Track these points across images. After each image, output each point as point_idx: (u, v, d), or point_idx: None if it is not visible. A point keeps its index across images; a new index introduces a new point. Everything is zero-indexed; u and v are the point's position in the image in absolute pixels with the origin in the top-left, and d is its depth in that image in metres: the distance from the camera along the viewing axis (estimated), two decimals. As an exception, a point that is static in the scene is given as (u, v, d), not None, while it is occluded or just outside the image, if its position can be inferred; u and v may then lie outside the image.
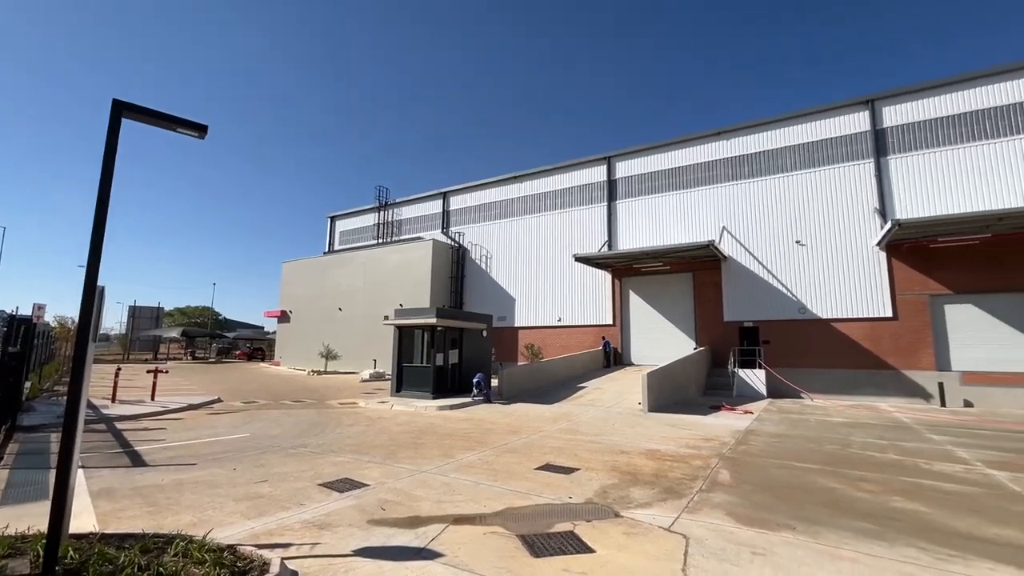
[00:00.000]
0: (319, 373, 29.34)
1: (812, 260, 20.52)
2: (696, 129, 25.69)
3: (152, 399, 14.73)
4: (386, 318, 18.99)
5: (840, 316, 19.67)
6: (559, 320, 26.55)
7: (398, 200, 35.78)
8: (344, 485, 6.54)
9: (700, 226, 23.18)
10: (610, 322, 25.00)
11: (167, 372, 20.16)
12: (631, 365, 23.62)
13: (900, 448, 9.66)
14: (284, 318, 36.77)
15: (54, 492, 3.52)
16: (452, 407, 14.74)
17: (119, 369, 15.90)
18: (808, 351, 19.91)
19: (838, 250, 20.09)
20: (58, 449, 3.72)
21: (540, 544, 4.61)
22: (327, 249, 39.54)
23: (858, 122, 20.40)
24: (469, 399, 15.97)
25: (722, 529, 5.09)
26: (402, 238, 34.29)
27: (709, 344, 21.87)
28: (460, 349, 18.02)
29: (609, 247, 25.36)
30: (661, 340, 23.36)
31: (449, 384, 17.22)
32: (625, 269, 24.93)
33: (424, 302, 27.64)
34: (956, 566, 4.29)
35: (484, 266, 30.13)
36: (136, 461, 7.82)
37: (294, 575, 3.93)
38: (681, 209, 23.99)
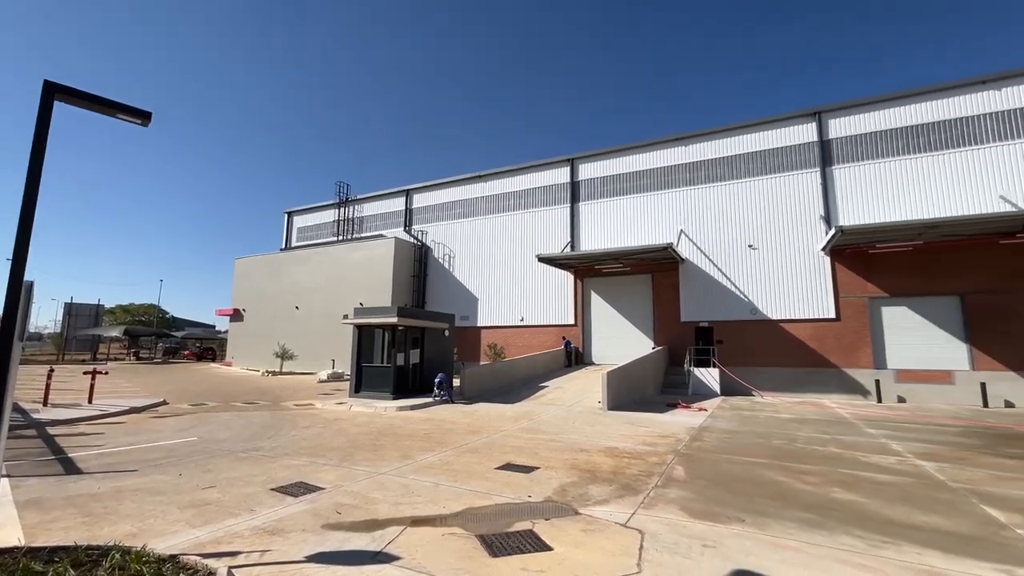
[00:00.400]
0: (274, 374, 28.35)
1: (763, 263, 21.44)
2: (656, 134, 26.33)
3: (89, 402, 13.83)
4: (345, 317, 18.54)
5: (788, 317, 20.64)
6: (522, 320, 26.66)
7: (359, 197, 35.01)
8: (298, 489, 6.34)
9: (659, 229, 23.79)
10: (572, 322, 25.31)
11: (106, 373, 18.97)
12: (592, 364, 23.99)
13: (840, 442, 10.23)
14: (237, 317, 35.33)
15: (-28, 504, 3.25)
16: (413, 407, 14.55)
17: (52, 370, 14.83)
18: (759, 350, 20.78)
19: (787, 254, 21.07)
20: (-23, 457, 3.44)
21: (499, 544, 4.61)
22: (284, 246, 38.27)
23: (806, 133, 21.47)
24: (430, 399, 15.81)
25: (676, 523, 5.24)
26: (363, 235, 33.58)
27: (667, 343, 22.49)
28: (422, 349, 17.81)
29: (572, 248, 25.67)
30: (621, 340, 23.84)
31: (410, 384, 16.99)
32: (587, 270, 25.30)
33: (385, 301, 27.18)
34: (888, 552, 4.57)
35: (447, 265, 29.90)
36: (69, 468, 7.32)
37: (242, 584, 3.78)
38: (642, 212, 24.55)
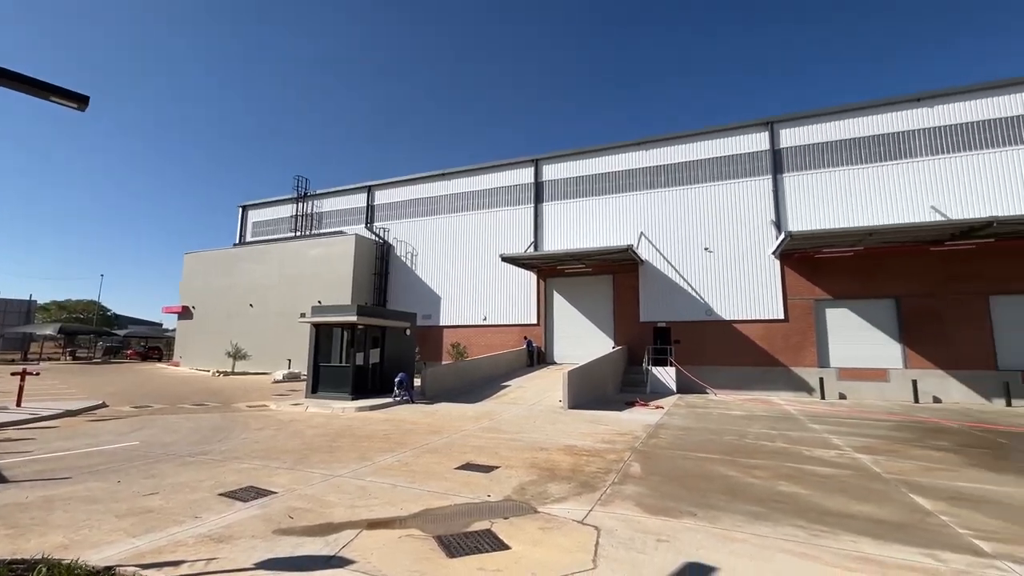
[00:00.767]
0: (226, 374, 27.21)
1: (718, 266, 22.24)
2: (618, 138, 26.88)
3: (18, 405, 12.86)
4: (302, 315, 18.02)
5: (741, 318, 21.49)
6: (485, 319, 26.63)
7: (319, 192, 34.05)
8: (248, 494, 6.11)
9: (621, 231, 24.28)
10: (535, 322, 25.48)
11: (38, 374, 17.72)
12: (554, 364, 24.24)
13: (787, 437, 10.73)
14: (186, 314, 33.69)
15: None
16: (372, 408, 14.29)
17: (-25, 371, 13.71)
18: (713, 350, 21.55)
19: (740, 257, 21.94)
20: None
21: (456, 544, 4.59)
22: (238, 240, 36.76)
23: (759, 142, 22.41)
24: (391, 400, 15.57)
25: (631, 519, 5.37)
26: (322, 232, 32.67)
27: (626, 343, 22.99)
28: (382, 348, 17.51)
29: (535, 248, 25.84)
30: (583, 339, 24.19)
31: (370, 384, 16.68)
32: (550, 270, 25.53)
33: (345, 299, 26.58)
34: (827, 540, 4.83)
35: (410, 263, 29.51)
36: (-7, 477, 6.79)
37: (185, 595, 3.61)
38: (604, 214, 24.99)
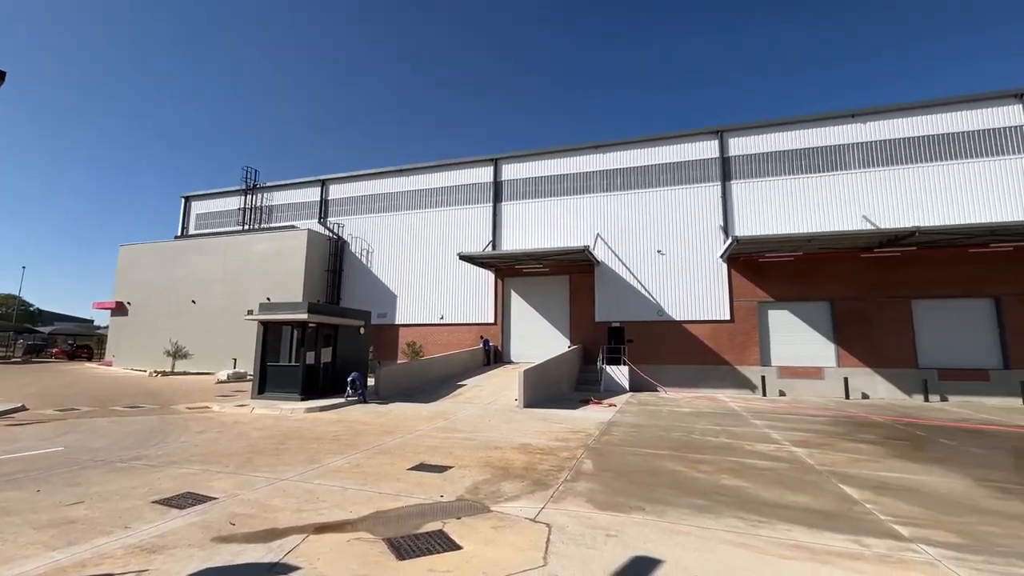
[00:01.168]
0: (164, 374, 25.70)
1: (670, 268, 23.00)
2: (576, 140, 27.27)
3: (-80, 409, 11.66)
4: (250, 312, 17.28)
5: (690, 318, 22.31)
6: (442, 318, 26.39)
7: (269, 184, 32.69)
8: (186, 500, 5.79)
9: (578, 232, 24.67)
10: (492, 321, 25.49)
11: (-54, 375, 16.11)
12: (511, 363, 24.33)
13: (731, 433, 11.23)
14: (120, 310, 31.53)
15: None
16: (323, 409, 13.88)
17: None
18: (664, 349, 22.26)
19: (691, 260, 22.77)
20: None
21: (407, 546, 4.52)
22: (180, 233, 34.77)
23: (710, 149, 23.33)
24: (343, 400, 15.17)
25: (582, 515, 5.46)
26: (273, 225, 31.41)
27: (582, 342, 23.39)
28: (334, 347, 17.03)
29: (493, 247, 25.85)
30: (539, 338, 24.40)
31: (321, 384, 16.18)
32: (508, 269, 25.61)
33: (296, 296, 25.66)
34: (764, 530, 5.09)
35: (365, 260, 28.84)
36: None
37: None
38: (562, 214, 25.30)
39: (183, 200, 35.41)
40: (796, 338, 20.97)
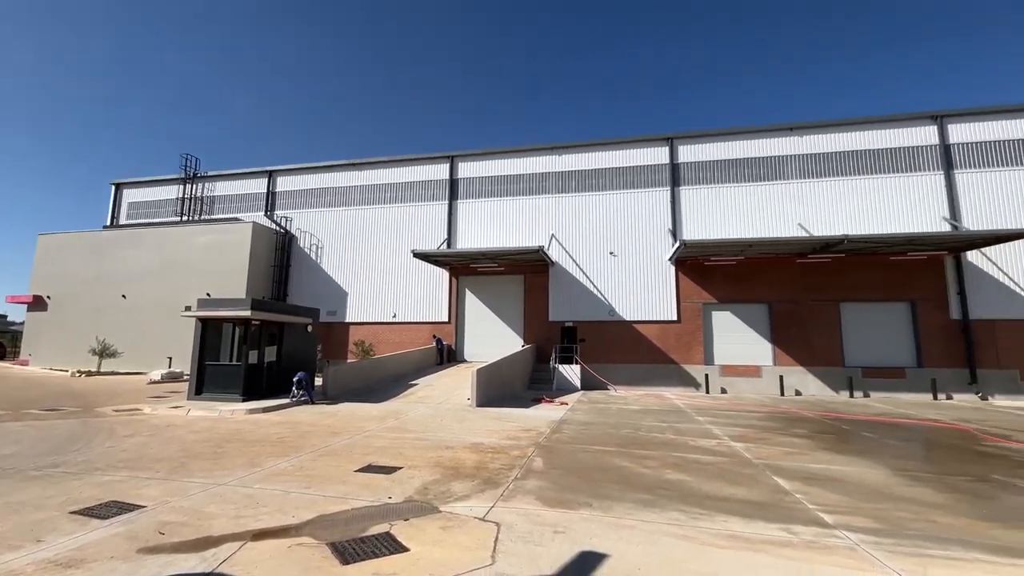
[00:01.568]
0: (90, 374, 23.84)
1: (621, 269, 23.62)
2: (534, 140, 27.49)
3: None
4: (187, 308, 16.32)
5: (640, 319, 22.99)
6: (394, 316, 25.91)
7: (211, 173, 30.97)
8: (109, 510, 5.39)
9: (533, 232, 24.88)
10: (446, 319, 25.28)
11: None
12: (464, 362, 24.22)
13: (676, 429, 11.66)
14: (38, 305, 28.95)
15: None
16: (266, 410, 13.31)
17: None
18: (615, 348, 22.83)
19: (641, 262, 23.48)
20: None
21: (352, 550, 4.41)
22: (110, 223, 32.32)
23: (661, 155, 24.13)
24: (288, 400, 14.60)
25: (531, 513, 5.51)
26: (215, 217, 29.78)
27: (535, 342, 23.61)
28: (280, 345, 16.37)
29: (448, 245, 25.64)
30: (493, 338, 24.42)
31: (265, 385, 15.51)
32: (463, 268, 25.47)
33: (239, 292, 24.48)
34: (704, 522, 5.32)
35: (315, 256, 27.87)
36: None
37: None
38: (517, 214, 25.43)
39: (113, 187, 32.93)
40: (737, 338, 22.06)
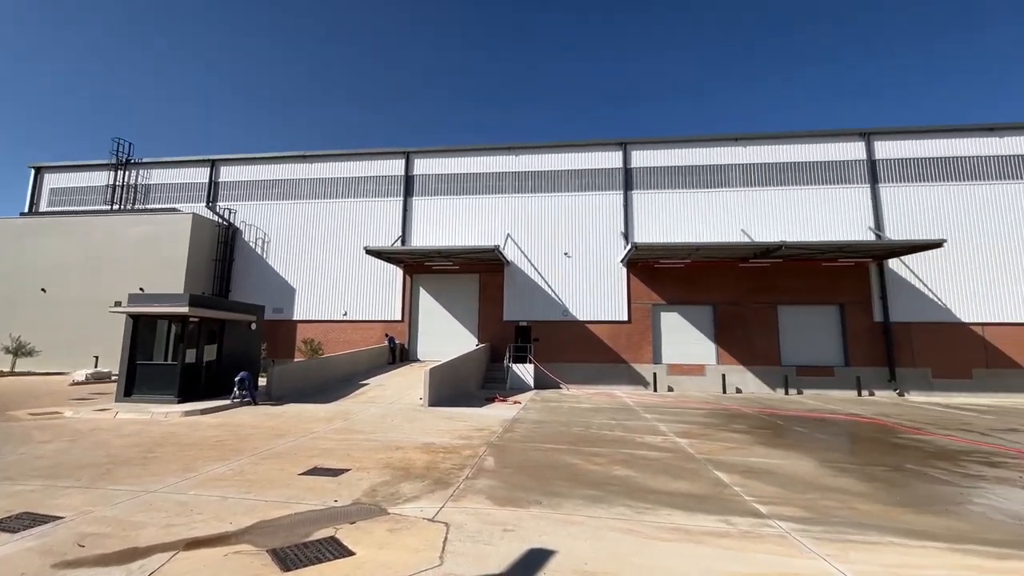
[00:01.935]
0: (2, 375, 21.78)
1: (575, 270, 24.03)
2: (490, 140, 27.48)
3: None
4: (117, 304, 15.21)
5: (593, 319, 23.48)
6: (345, 314, 25.21)
7: (146, 160, 29.04)
8: (21, 522, 4.94)
9: (489, 231, 24.88)
10: (399, 318, 24.85)
11: None
12: (417, 361, 23.89)
13: (624, 426, 11.98)
14: (-60, 298, 26.15)
15: None
16: (204, 412, 12.61)
17: None
18: (568, 348, 23.21)
19: (594, 263, 23.98)
20: None
21: (294, 556, 4.25)
22: (28, 209, 29.65)
23: (615, 159, 24.73)
24: (228, 401, 13.91)
25: (481, 512, 5.50)
26: (151, 207, 27.94)
27: (490, 341, 23.62)
28: (220, 344, 15.55)
29: (403, 242, 25.22)
30: (447, 337, 24.24)
31: (204, 385, 14.69)
32: (417, 266, 25.12)
33: (177, 287, 23.11)
34: (649, 516, 5.49)
35: (260, 251, 26.68)
36: None
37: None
38: (473, 213, 25.35)
39: (33, 171, 30.23)
40: (683, 338, 22.94)
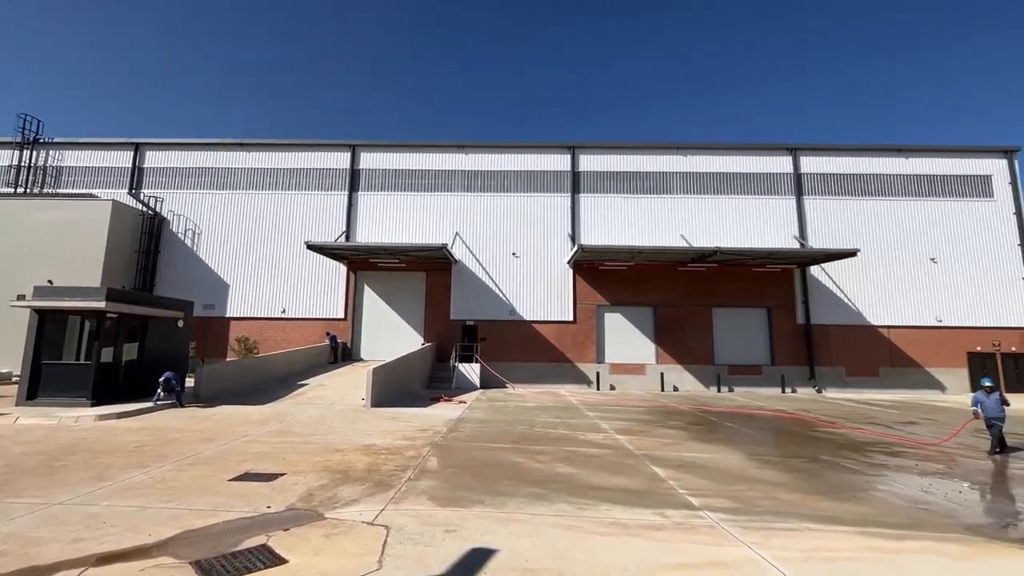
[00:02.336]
0: None
1: (523, 270, 24.24)
2: (439, 136, 27.20)
3: None
4: (20, 297, 13.78)
5: (539, 319, 23.78)
6: (283, 312, 24.10)
7: (59, 140, 26.45)
8: None
9: (437, 229, 24.59)
10: (342, 316, 24.08)
11: None
12: (360, 361, 23.23)
13: (568, 424, 12.22)
14: None
15: None
16: (122, 415, 11.66)
17: None
18: (515, 347, 23.37)
19: (542, 264, 24.29)
20: None
21: (220, 567, 4.01)
22: (-91, 189, 26.20)
23: (563, 162, 25.17)
24: (151, 404, 12.93)
25: (422, 514, 5.43)
26: (63, 192, 25.44)
27: (436, 340, 23.37)
28: (142, 342, 14.45)
29: (347, 238, 24.44)
30: (392, 336, 23.74)
31: (122, 387, 13.59)
32: (361, 263, 24.43)
33: (94, 280, 21.24)
34: (589, 512, 5.63)
35: (190, 243, 24.99)
36: None
37: None
38: (421, 210, 24.98)
39: (-83, 146, 26.75)
40: (626, 338, 23.71)
